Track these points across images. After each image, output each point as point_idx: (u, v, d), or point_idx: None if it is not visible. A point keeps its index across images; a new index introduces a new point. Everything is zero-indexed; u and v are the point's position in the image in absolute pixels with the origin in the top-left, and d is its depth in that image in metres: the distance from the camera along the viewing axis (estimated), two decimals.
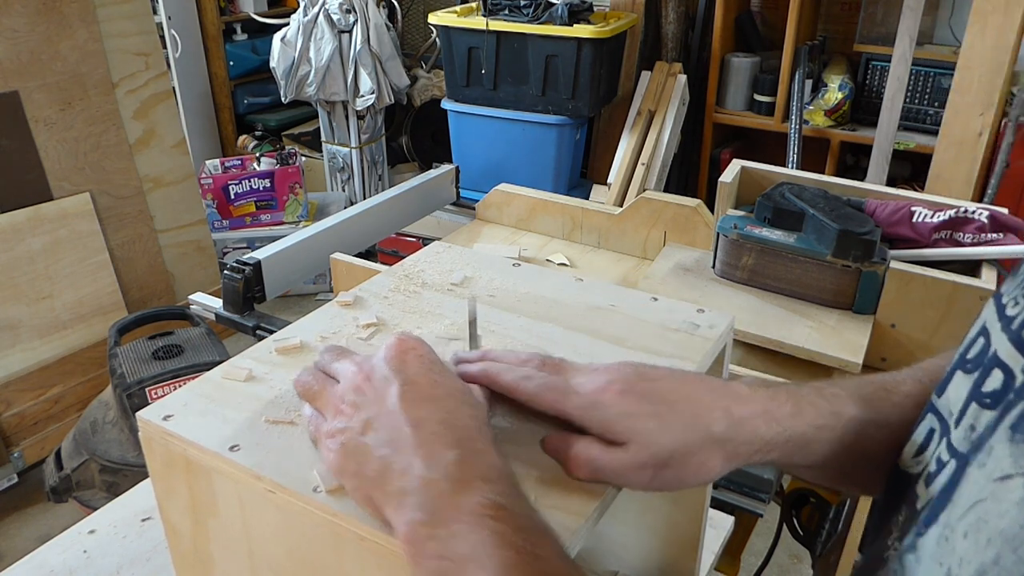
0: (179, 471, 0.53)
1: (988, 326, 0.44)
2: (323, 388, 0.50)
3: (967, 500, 0.37)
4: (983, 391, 0.42)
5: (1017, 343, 0.40)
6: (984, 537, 0.34)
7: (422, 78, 3.53)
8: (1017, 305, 0.41)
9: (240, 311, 1.29)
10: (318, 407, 0.50)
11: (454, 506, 0.41)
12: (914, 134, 2.88)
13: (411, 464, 0.43)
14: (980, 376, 0.42)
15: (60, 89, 2.22)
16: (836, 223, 1.09)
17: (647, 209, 1.39)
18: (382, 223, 1.59)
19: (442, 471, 0.42)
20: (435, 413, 0.45)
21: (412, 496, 0.42)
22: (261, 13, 3.86)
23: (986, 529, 0.34)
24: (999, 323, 0.42)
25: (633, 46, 3.20)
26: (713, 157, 3.35)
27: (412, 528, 0.41)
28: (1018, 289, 0.42)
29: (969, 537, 0.36)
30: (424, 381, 0.47)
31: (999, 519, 0.34)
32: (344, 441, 0.46)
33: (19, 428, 2.20)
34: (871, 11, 3.00)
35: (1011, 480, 0.34)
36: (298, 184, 3.19)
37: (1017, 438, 0.35)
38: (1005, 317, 0.42)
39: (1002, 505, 0.34)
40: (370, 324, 0.64)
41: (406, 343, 0.49)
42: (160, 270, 2.58)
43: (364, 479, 0.44)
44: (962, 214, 1.14)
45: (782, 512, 1.23)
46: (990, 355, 0.42)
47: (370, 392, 0.47)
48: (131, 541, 0.75)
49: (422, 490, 0.42)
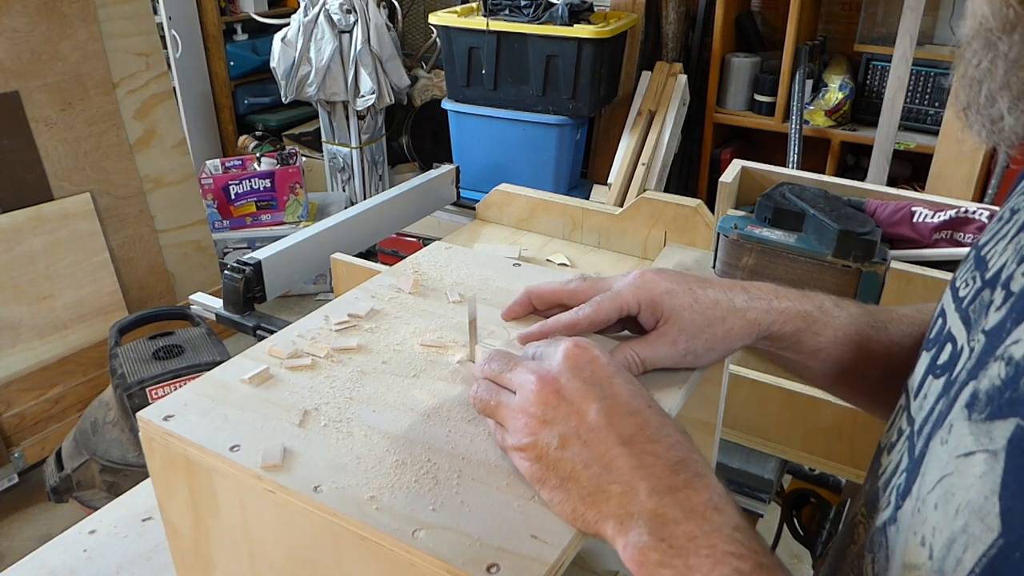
0: (179, 471, 0.53)
1: (945, 307, 0.48)
2: (499, 402, 0.49)
3: (935, 474, 0.40)
4: (937, 364, 0.46)
5: (965, 320, 0.44)
6: (952, 508, 0.37)
7: (422, 78, 3.53)
8: (967, 286, 0.46)
9: (240, 311, 1.29)
10: (498, 420, 0.49)
11: (689, 537, 0.40)
12: (914, 134, 2.88)
13: (634, 488, 0.42)
14: (936, 352, 0.47)
15: (60, 89, 2.22)
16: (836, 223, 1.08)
17: (647, 209, 1.39)
18: (382, 223, 1.59)
19: (672, 499, 0.42)
20: (643, 429, 0.45)
21: (639, 520, 0.41)
22: (261, 13, 3.86)
23: (954, 501, 0.37)
24: (953, 304, 0.47)
25: (633, 46, 3.20)
26: (713, 157, 3.35)
27: (642, 553, 0.41)
28: (968, 272, 0.47)
29: (939, 508, 0.38)
30: (623, 393, 0.46)
31: (965, 491, 0.36)
32: (539, 455, 0.45)
33: (19, 428, 2.20)
34: (871, 11, 3.00)
35: (973, 456, 0.36)
36: (298, 184, 3.19)
37: (975, 417, 0.38)
38: (958, 298, 0.47)
39: (966, 479, 0.36)
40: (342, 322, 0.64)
41: (587, 351, 0.48)
42: (160, 270, 2.58)
43: (571, 494, 0.44)
44: (963, 214, 1.14)
45: (782, 512, 1.23)
46: (944, 333, 0.47)
47: (563, 406, 0.46)
48: (132, 541, 0.75)
49: (652, 518, 0.41)
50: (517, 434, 0.47)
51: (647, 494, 0.42)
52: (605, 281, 0.59)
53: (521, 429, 0.46)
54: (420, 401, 0.55)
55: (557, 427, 0.45)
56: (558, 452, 0.45)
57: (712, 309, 0.55)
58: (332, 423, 0.53)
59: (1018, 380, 0.35)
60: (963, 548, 0.35)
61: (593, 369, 0.47)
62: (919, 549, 0.39)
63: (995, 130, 0.41)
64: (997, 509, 0.34)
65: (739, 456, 1.06)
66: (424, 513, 0.46)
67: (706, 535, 0.40)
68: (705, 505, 0.42)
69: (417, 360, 0.60)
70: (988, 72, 0.40)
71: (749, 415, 1.03)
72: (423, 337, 0.63)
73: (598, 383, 0.46)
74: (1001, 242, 0.44)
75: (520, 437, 0.46)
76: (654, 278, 0.56)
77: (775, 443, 1.03)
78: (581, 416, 0.45)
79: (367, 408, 0.54)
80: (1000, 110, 0.40)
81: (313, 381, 0.58)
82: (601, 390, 0.46)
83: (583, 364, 0.47)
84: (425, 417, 0.54)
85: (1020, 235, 0.42)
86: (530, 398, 0.47)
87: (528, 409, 0.46)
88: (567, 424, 0.45)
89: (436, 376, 0.58)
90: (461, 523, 0.45)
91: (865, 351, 0.59)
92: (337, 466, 0.49)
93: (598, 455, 0.44)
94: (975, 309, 0.43)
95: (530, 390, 0.47)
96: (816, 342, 0.58)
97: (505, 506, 0.46)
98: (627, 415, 0.45)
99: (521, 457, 0.46)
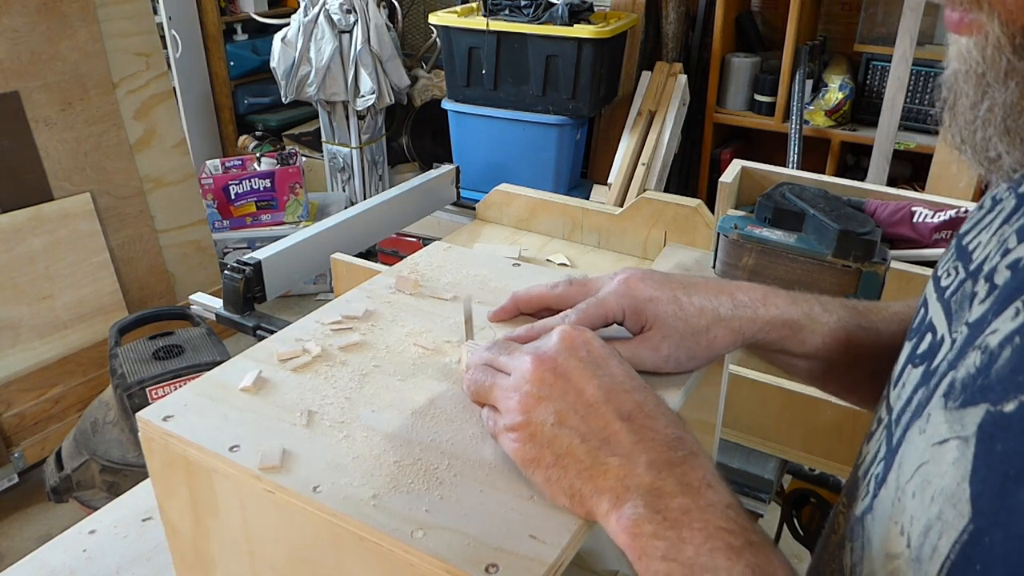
0: (179, 471, 0.53)
1: (927, 297, 0.48)
2: (494, 382, 0.49)
3: (912, 463, 0.40)
4: (916, 353, 0.46)
5: (947, 310, 0.44)
6: (928, 495, 0.37)
7: (422, 78, 3.53)
8: (950, 276, 0.46)
9: (240, 311, 1.29)
10: (491, 402, 0.49)
11: (684, 511, 0.41)
12: (914, 134, 2.88)
13: (633, 460, 0.43)
14: (916, 341, 0.47)
15: (60, 89, 2.22)
16: (836, 223, 1.08)
17: (647, 209, 1.39)
18: (382, 223, 1.59)
19: (669, 473, 0.42)
20: (641, 407, 0.45)
21: (636, 493, 0.42)
22: (261, 13, 3.87)
23: (929, 488, 0.37)
24: (935, 294, 0.47)
25: (633, 46, 3.20)
26: (713, 157, 3.35)
27: (636, 524, 0.41)
28: (950, 262, 0.47)
29: (916, 496, 0.38)
30: (619, 372, 0.47)
31: (940, 479, 0.36)
32: (534, 432, 0.45)
33: (19, 428, 2.20)
34: (871, 11, 3.00)
35: (947, 443, 0.37)
36: (298, 184, 3.19)
37: (950, 405, 0.38)
38: (940, 288, 0.47)
39: (941, 466, 0.37)
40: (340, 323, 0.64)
41: (583, 333, 0.48)
42: (161, 270, 2.58)
43: (566, 470, 0.44)
44: (962, 214, 1.14)
45: (782, 512, 1.23)
46: (926, 323, 0.47)
47: (559, 383, 0.46)
48: (131, 541, 0.74)
49: (649, 491, 0.42)
50: (510, 413, 0.46)
51: (645, 467, 0.43)
52: (592, 283, 0.59)
53: (515, 408, 0.46)
54: (419, 401, 0.55)
55: (553, 403, 0.45)
56: (554, 429, 0.45)
57: (697, 318, 0.55)
58: (332, 424, 0.53)
59: (991, 367, 0.36)
60: (938, 535, 0.35)
61: (589, 349, 0.48)
62: (898, 538, 0.39)
63: (992, 168, 0.41)
64: (968, 494, 0.34)
65: (739, 456, 1.06)
66: (423, 513, 0.46)
67: (700, 510, 0.41)
68: (700, 481, 0.42)
69: (416, 360, 0.60)
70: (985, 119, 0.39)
71: (749, 415, 1.03)
72: (421, 338, 0.63)
73: (595, 362, 0.47)
74: (984, 232, 0.44)
75: (514, 416, 0.46)
76: (639, 284, 0.56)
77: (775, 443, 1.03)
78: (579, 392, 0.45)
79: (367, 408, 0.55)
80: (998, 151, 0.40)
81: (313, 382, 0.58)
82: (598, 368, 0.47)
83: (579, 344, 0.48)
84: (425, 417, 0.54)
85: (1004, 227, 0.42)
86: (526, 376, 0.47)
87: (522, 387, 0.46)
88: (564, 400, 0.45)
89: (435, 376, 0.58)
90: (460, 523, 0.45)
91: (854, 353, 0.59)
92: (337, 466, 0.49)
93: (597, 429, 0.44)
94: (957, 300, 0.43)
95: (526, 369, 0.47)
96: (803, 348, 0.58)
97: (504, 506, 0.46)
98: (625, 392, 0.46)
99: (513, 439, 0.46)
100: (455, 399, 0.55)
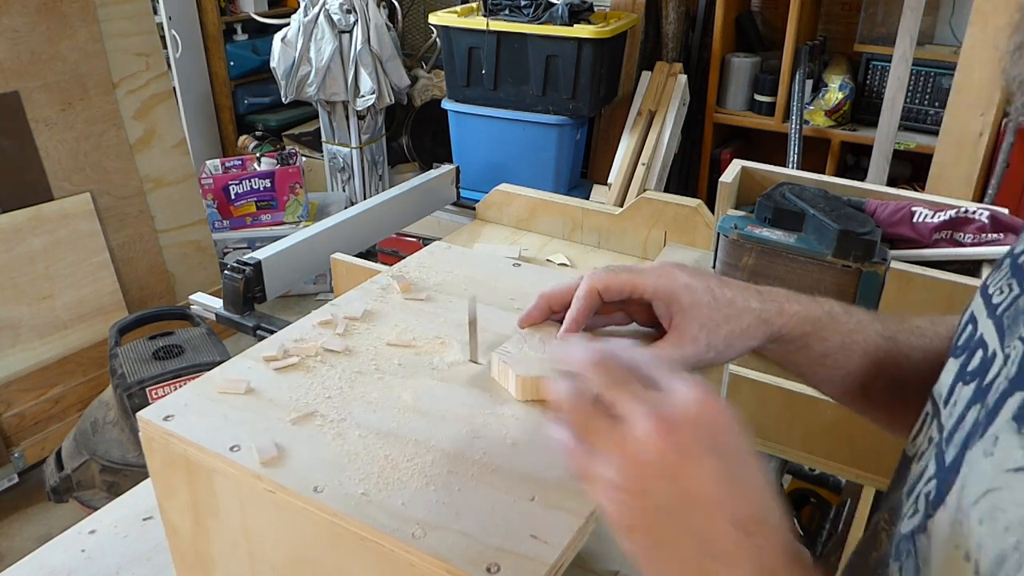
0: (179, 471, 0.53)
1: (976, 314, 0.48)
2: (610, 429, 0.43)
3: (978, 488, 0.38)
4: (967, 371, 0.45)
5: (998, 326, 0.44)
6: (1001, 525, 0.36)
7: (422, 78, 3.53)
8: (1002, 294, 0.45)
9: (240, 311, 1.29)
10: (595, 445, 0.43)
11: None
12: (914, 134, 2.88)
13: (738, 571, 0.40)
14: (966, 359, 0.46)
15: (60, 89, 2.22)
16: (836, 223, 1.08)
17: (647, 209, 1.39)
18: (382, 223, 1.59)
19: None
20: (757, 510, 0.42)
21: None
22: (261, 13, 3.86)
23: (1003, 517, 0.36)
24: (985, 311, 0.46)
25: (633, 46, 3.20)
26: (713, 157, 3.35)
27: None
28: (1003, 279, 0.46)
29: (985, 524, 0.37)
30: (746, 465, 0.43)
31: (1017, 508, 0.35)
32: (642, 506, 0.42)
33: (19, 428, 2.20)
34: (871, 11, 3.00)
35: None
36: (298, 184, 3.19)
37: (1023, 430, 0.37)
38: (991, 304, 0.46)
39: (1017, 495, 0.35)
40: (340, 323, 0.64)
41: (719, 413, 0.43)
42: (161, 270, 2.58)
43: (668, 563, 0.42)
44: (962, 214, 1.14)
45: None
46: (975, 339, 0.46)
47: (682, 468, 0.41)
48: (132, 541, 0.74)
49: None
50: (620, 473, 0.42)
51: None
52: None
53: (626, 471, 0.42)
54: (420, 401, 0.55)
55: (668, 486, 0.41)
56: (663, 516, 0.41)
57: (729, 307, 0.56)
58: (332, 424, 0.53)
59: None
60: (1016, 567, 0.34)
61: (718, 434, 0.42)
62: (963, 564, 0.38)
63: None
64: None
65: None
66: (424, 513, 0.46)
67: None
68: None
69: (416, 361, 0.60)
70: None
71: (749, 415, 1.03)
72: (421, 338, 0.63)
73: (723, 451, 0.42)
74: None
75: (624, 478, 0.42)
76: (674, 271, 0.57)
77: (775, 443, 1.03)
78: (700, 484, 0.41)
79: (367, 409, 0.55)
80: None
81: (313, 382, 0.58)
82: (724, 460, 0.42)
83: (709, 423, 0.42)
84: (425, 417, 0.54)
85: None
86: (647, 445, 0.41)
87: (640, 456, 0.42)
88: (681, 487, 0.41)
89: (435, 377, 0.58)
90: (461, 523, 0.45)
91: (872, 359, 0.59)
92: (337, 466, 0.49)
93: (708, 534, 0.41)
94: (1011, 315, 0.43)
95: (649, 437, 0.42)
96: (824, 347, 0.59)
97: (505, 506, 0.46)
98: (744, 494, 0.42)
99: (614, 499, 0.42)
100: (458, 399, 0.55)
